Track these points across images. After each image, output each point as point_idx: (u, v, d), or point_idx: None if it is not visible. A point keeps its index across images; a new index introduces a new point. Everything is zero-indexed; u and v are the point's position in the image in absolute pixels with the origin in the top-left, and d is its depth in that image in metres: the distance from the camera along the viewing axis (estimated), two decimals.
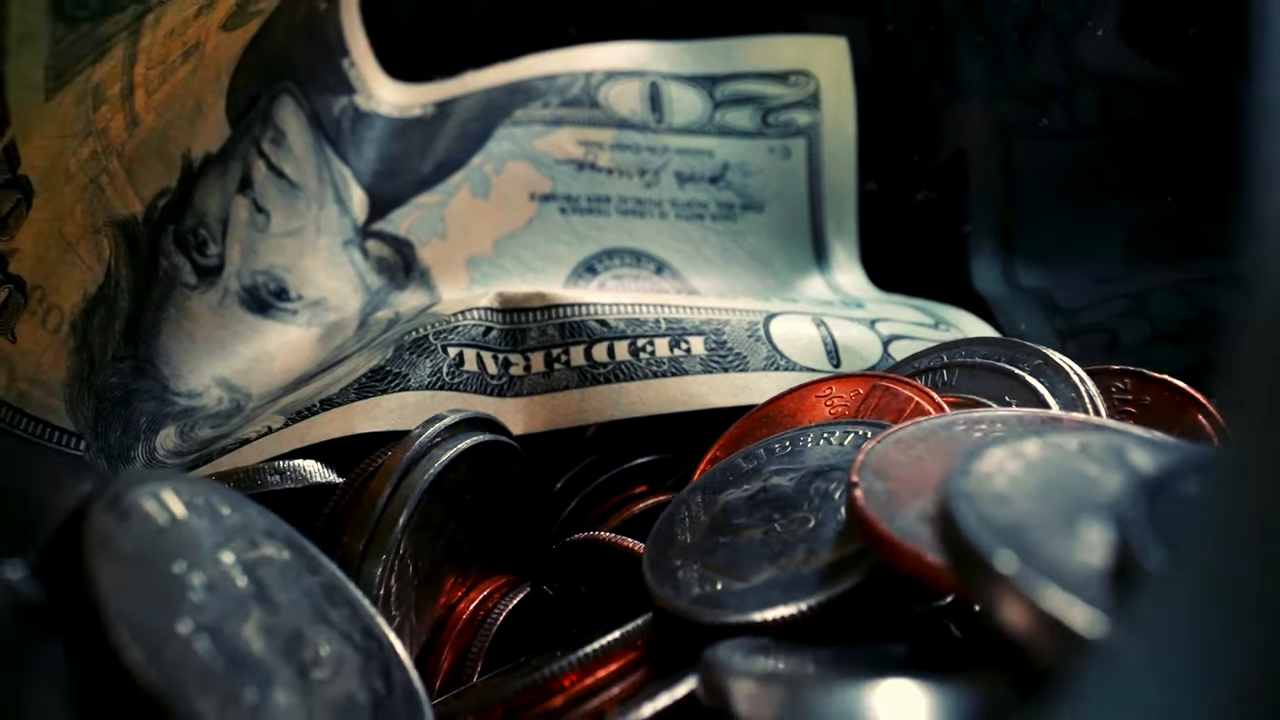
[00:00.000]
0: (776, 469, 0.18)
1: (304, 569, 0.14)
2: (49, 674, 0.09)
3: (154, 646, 0.10)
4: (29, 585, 0.10)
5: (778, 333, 0.24)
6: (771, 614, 0.14)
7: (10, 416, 0.19)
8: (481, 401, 0.22)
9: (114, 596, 0.10)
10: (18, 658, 0.09)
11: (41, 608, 0.10)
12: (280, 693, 0.11)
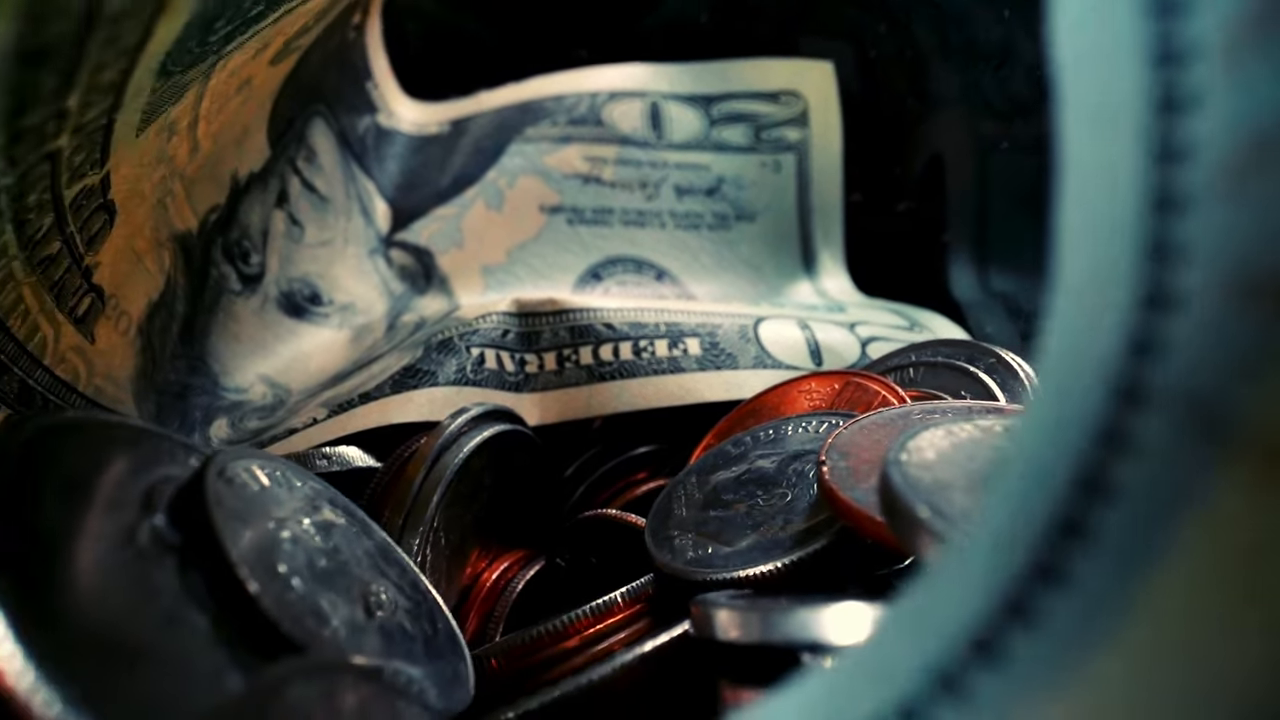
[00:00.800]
0: (761, 453, 0.21)
1: (361, 533, 0.17)
2: (192, 596, 0.12)
3: (265, 581, 0.13)
4: (169, 531, 0.13)
5: (766, 335, 0.27)
6: (752, 571, 0.17)
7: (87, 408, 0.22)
8: (501, 396, 0.25)
9: (232, 543, 0.13)
10: (168, 582, 0.12)
11: (178, 547, 0.13)
12: (354, 622, 0.14)
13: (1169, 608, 0.06)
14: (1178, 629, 0.06)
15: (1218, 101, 0.07)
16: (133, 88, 0.16)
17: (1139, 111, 0.08)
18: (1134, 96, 0.08)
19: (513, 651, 0.17)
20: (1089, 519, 0.07)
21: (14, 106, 0.12)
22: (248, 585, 0.13)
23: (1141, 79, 0.08)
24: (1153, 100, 0.07)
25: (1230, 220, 0.07)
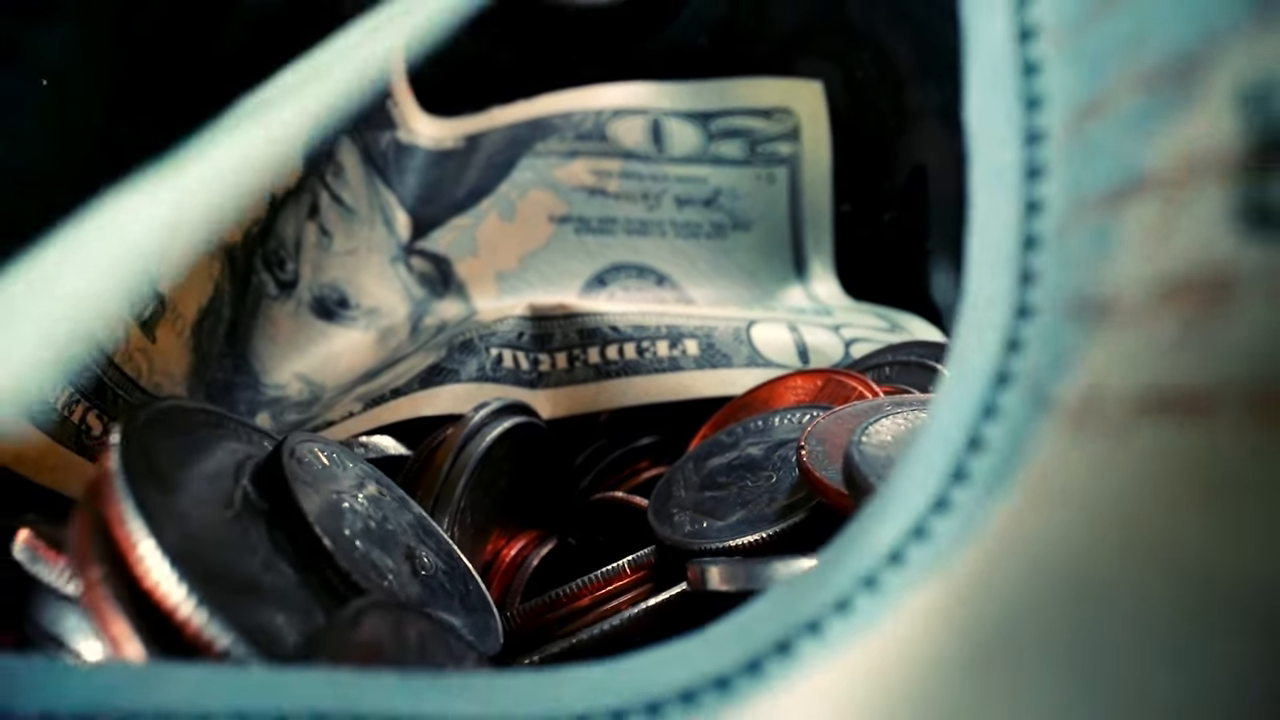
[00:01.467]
0: (751, 441, 0.24)
1: (402, 506, 0.20)
2: (280, 550, 0.15)
3: (335, 539, 0.16)
4: (257, 498, 0.16)
5: (758, 336, 0.30)
6: (740, 541, 0.20)
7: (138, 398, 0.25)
8: (517, 392, 0.28)
9: (309, 509, 0.16)
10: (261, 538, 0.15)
11: (265, 511, 0.16)
12: (404, 578, 0.17)
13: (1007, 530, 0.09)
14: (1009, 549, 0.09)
15: (1058, 174, 0.10)
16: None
17: (1016, 177, 0.11)
18: (1012, 167, 0.11)
19: (533, 610, 0.20)
20: (969, 466, 0.10)
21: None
22: (324, 541, 0.15)
23: (1017, 154, 0.11)
24: (1023, 170, 0.10)
25: (1064, 256, 0.10)
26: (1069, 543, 0.08)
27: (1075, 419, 0.09)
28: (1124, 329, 0.08)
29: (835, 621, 0.10)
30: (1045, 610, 0.08)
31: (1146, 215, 0.08)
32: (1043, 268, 0.10)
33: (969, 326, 0.11)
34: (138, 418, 0.15)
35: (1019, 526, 0.09)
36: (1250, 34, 0.07)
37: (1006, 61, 0.11)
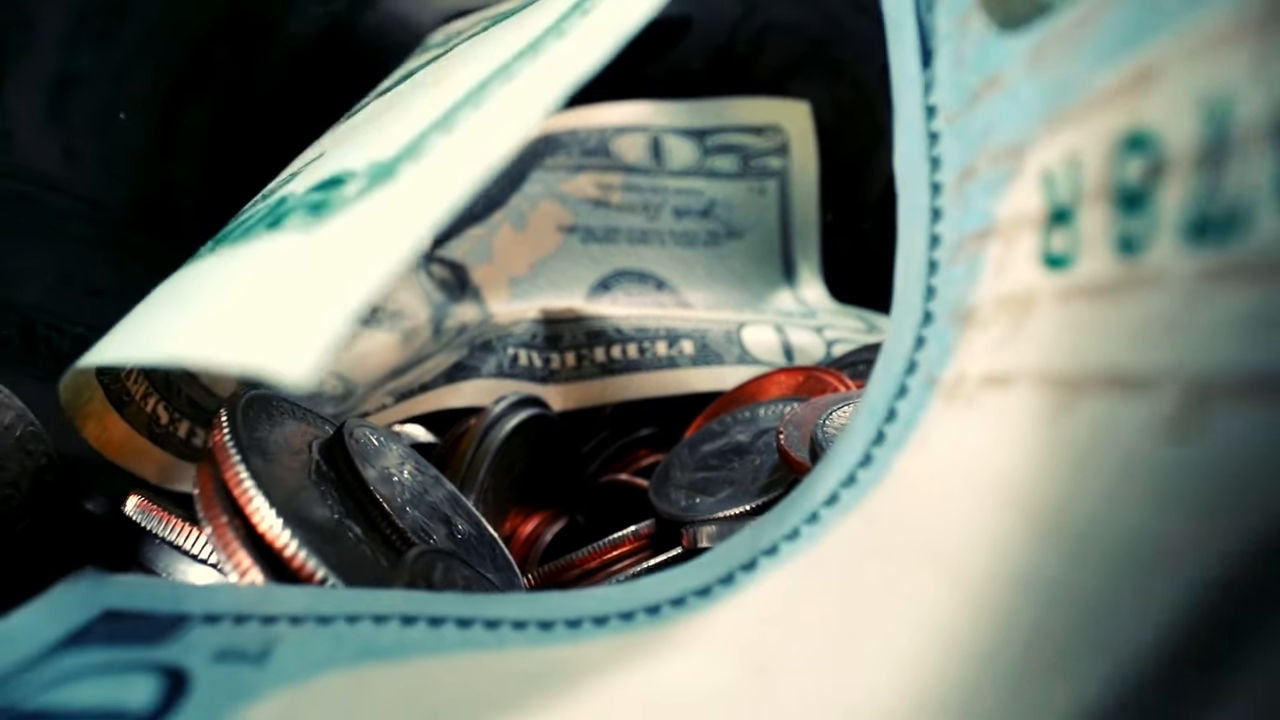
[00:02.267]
0: (739, 430, 0.28)
1: (437, 483, 0.24)
2: (349, 512, 0.19)
3: (392, 505, 0.20)
4: (327, 469, 0.20)
5: (747, 337, 0.34)
6: (727, 513, 0.24)
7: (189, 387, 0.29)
8: (531, 387, 0.31)
9: (369, 478, 0.20)
10: (334, 501, 0.19)
11: (333, 479, 0.20)
12: (445, 539, 0.21)
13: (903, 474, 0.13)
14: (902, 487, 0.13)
15: (949, 218, 0.14)
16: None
17: (925, 218, 0.14)
18: (922, 209, 0.14)
19: (550, 572, 0.24)
20: (886, 431, 0.14)
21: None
22: (384, 505, 0.19)
23: (926, 199, 0.14)
24: (929, 212, 0.14)
25: (950, 278, 0.13)
26: (939, 480, 0.12)
27: (948, 395, 0.13)
28: (979, 331, 0.12)
29: (785, 545, 0.14)
30: (924, 527, 0.12)
31: (995, 252, 0.12)
32: (938, 285, 0.14)
33: (894, 327, 0.15)
34: (238, 403, 0.19)
35: (910, 471, 0.13)
36: (1046, 137, 0.11)
37: (918, 129, 0.15)
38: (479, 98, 0.11)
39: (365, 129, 0.15)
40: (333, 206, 0.10)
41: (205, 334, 0.10)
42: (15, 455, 0.20)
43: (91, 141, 0.33)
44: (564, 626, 0.13)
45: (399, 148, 0.11)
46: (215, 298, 0.10)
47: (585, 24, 0.13)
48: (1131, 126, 0.09)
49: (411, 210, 0.09)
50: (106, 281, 0.31)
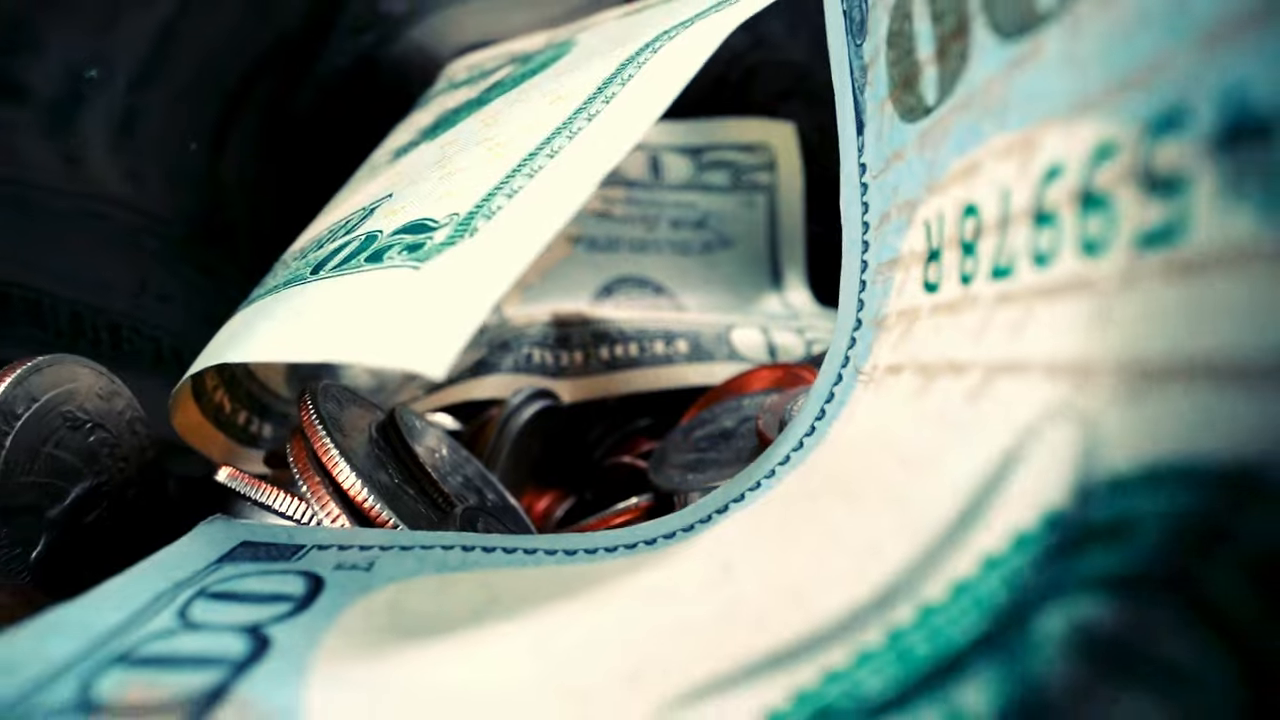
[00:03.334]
0: (726, 418, 0.33)
1: (468, 461, 0.29)
2: (403, 481, 0.24)
3: (439, 473, 0.25)
4: (380, 444, 0.25)
5: (735, 338, 0.39)
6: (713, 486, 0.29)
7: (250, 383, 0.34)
8: (544, 381, 0.36)
9: (419, 453, 0.25)
10: (392, 469, 0.24)
11: (387, 451, 0.24)
12: (480, 506, 0.26)
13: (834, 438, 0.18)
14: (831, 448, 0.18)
15: (872, 250, 0.19)
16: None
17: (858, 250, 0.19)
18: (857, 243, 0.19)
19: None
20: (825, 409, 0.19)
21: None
22: (432, 475, 0.24)
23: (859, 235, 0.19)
24: (860, 245, 0.19)
25: (872, 296, 0.18)
26: (856, 442, 0.17)
27: (865, 381, 0.18)
28: (886, 334, 0.17)
29: (749, 494, 0.19)
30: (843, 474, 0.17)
31: (898, 277, 0.17)
32: (865, 300, 0.19)
33: (836, 332, 0.20)
34: (316, 391, 0.24)
35: (839, 436, 0.18)
36: (926, 198, 0.16)
37: (854, 180, 0.20)
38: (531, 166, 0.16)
39: (428, 176, 0.20)
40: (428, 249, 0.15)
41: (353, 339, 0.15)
42: (127, 435, 0.25)
43: (154, 164, 0.38)
44: (584, 553, 0.18)
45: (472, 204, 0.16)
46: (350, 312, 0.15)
47: (626, 95, 0.18)
48: (968, 199, 0.14)
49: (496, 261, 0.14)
50: (174, 289, 0.36)
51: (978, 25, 0.13)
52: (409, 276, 0.15)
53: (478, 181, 0.17)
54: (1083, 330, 0.10)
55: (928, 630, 0.10)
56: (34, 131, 0.34)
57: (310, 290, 0.18)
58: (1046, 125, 0.12)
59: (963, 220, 0.14)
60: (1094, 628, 0.08)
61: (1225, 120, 0.08)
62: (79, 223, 0.34)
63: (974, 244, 0.14)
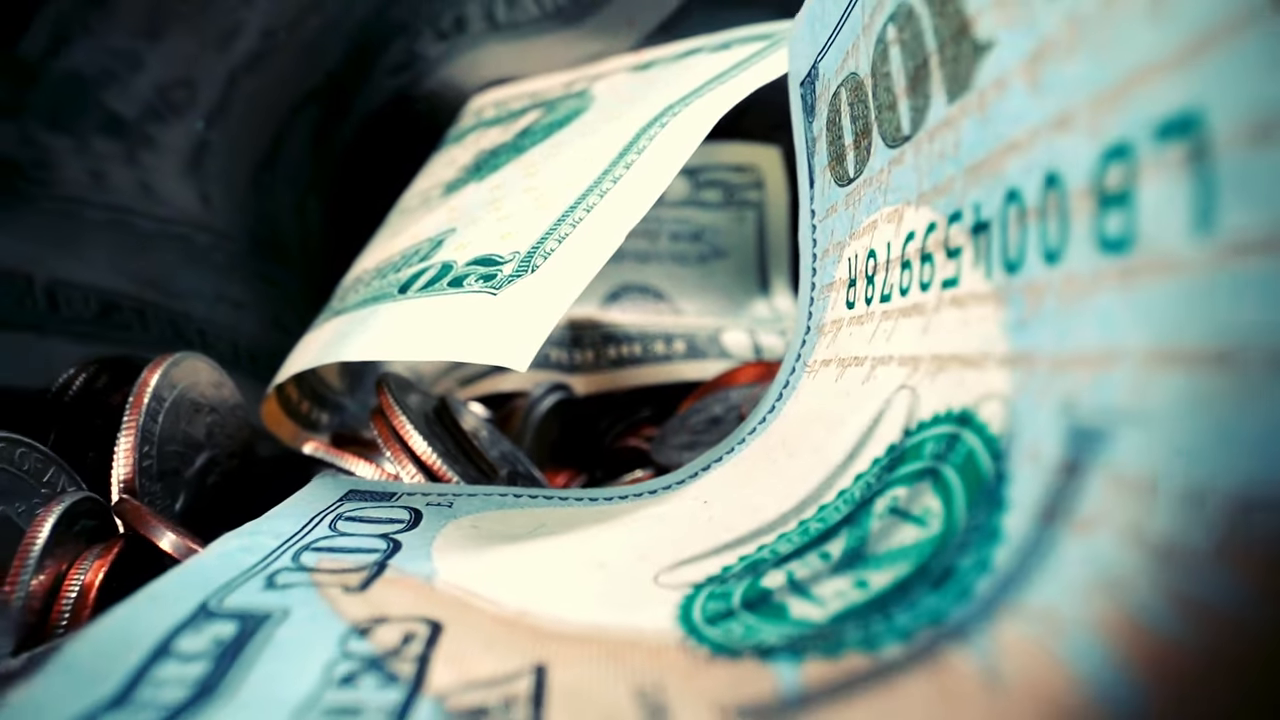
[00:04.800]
0: (717, 406, 0.40)
1: (502, 440, 0.36)
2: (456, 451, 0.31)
3: (484, 446, 0.32)
4: (434, 422, 0.32)
5: (726, 339, 0.46)
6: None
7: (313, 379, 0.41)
8: (561, 376, 0.44)
9: (468, 430, 0.32)
10: (449, 440, 0.31)
11: (440, 427, 0.32)
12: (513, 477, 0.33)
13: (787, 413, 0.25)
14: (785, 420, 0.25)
15: (819, 275, 0.26)
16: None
17: (809, 275, 0.27)
18: (809, 269, 0.27)
19: None
20: (781, 393, 0.26)
21: None
22: (479, 448, 0.32)
23: (810, 264, 0.27)
24: (810, 272, 0.27)
25: (820, 308, 0.26)
26: (799, 415, 0.24)
27: (809, 372, 0.25)
28: (824, 337, 0.24)
29: (726, 455, 0.26)
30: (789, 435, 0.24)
31: (832, 296, 0.24)
32: (813, 312, 0.26)
33: (794, 334, 0.27)
34: (389, 380, 0.31)
35: (788, 412, 0.25)
36: (850, 242, 0.23)
37: (807, 221, 0.27)
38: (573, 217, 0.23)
39: (484, 217, 0.28)
40: (499, 280, 0.22)
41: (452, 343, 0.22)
42: (230, 417, 0.33)
43: (218, 189, 0.45)
44: (604, 500, 0.25)
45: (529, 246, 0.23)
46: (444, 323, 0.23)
47: (642, 164, 0.25)
48: (870, 246, 0.21)
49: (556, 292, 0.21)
50: (244, 297, 0.43)
51: (875, 133, 0.21)
52: (489, 300, 0.22)
53: (530, 227, 0.24)
54: (916, 337, 0.18)
55: (819, 518, 0.17)
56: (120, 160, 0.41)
57: (404, 305, 0.25)
58: (906, 206, 0.19)
59: (868, 259, 0.22)
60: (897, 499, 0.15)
61: (975, 222, 0.16)
62: (163, 242, 0.42)
63: (873, 277, 0.21)
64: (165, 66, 0.40)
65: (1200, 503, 0.09)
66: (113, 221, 0.40)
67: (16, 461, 0.23)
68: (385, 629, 0.15)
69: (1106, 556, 0.10)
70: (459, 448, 0.32)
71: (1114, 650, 0.09)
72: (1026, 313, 0.14)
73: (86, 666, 0.13)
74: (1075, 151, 0.13)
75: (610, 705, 0.12)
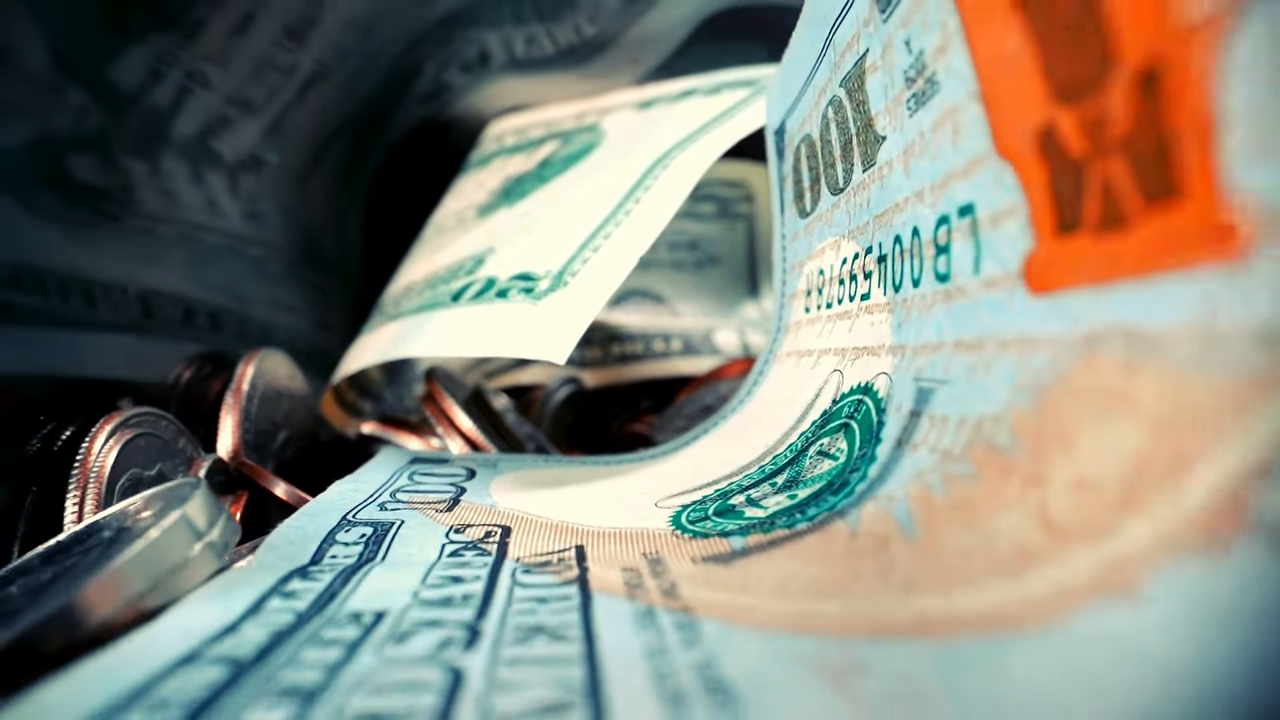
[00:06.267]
0: (708, 396, 0.48)
1: (525, 423, 0.44)
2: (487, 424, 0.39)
3: (515, 429, 0.40)
4: (471, 405, 0.40)
5: (717, 338, 0.54)
6: None
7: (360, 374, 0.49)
8: (573, 371, 0.52)
9: (497, 409, 0.40)
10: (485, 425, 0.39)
11: (476, 410, 0.40)
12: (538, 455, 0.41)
13: (759, 392, 0.33)
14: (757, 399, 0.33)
15: (786, 286, 0.34)
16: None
17: (781, 284, 0.35)
18: (780, 280, 0.35)
19: None
20: (757, 376, 0.34)
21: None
22: (508, 426, 0.40)
23: (781, 274, 0.35)
24: (782, 281, 0.35)
25: (784, 312, 0.34)
26: (767, 396, 0.33)
27: (778, 362, 0.33)
28: (787, 335, 0.33)
29: (711, 427, 0.34)
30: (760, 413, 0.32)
31: (795, 303, 0.33)
32: (783, 315, 0.34)
33: (770, 334, 0.35)
34: (437, 372, 0.39)
35: (760, 395, 0.33)
36: (807, 261, 0.31)
37: (780, 241, 0.35)
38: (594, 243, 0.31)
39: (518, 240, 0.36)
40: (537, 293, 0.30)
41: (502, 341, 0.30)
42: (300, 404, 0.41)
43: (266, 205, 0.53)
44: (614, 462, 0.33)
45: (559, 266, 0.31)
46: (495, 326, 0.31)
47: (649, 200, 0.33)
48: (819, 266, 0.30)
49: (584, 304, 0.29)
50: (295, 302, 0.51)
51: (823, 182, 0.29)
52: (531, 308, 0.30)
53: (559, 250, 0.32)
54: (844, 334, 0.26)
55: (772, 462, 0.26)
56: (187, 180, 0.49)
57: (458, 312, 0.33)
58: (841, 239, 0.27)
59: (818, 276, 0.30)
60: (823, 445, 0.23)
61: (879, 255, 0.24)
62: (226, 254, 0.50)
63: (821, 289, 0.29)
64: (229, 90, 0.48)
65: (962, 425, 0.17)
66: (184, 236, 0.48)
67: (162, 430, 0.31)
68: (472, 529, 0.23)
69: (922, 463, 0.18)
70: (493, 427, 0.40)
71: (914, 509, 0.17)
72: (903, 319, 0.22)
73: (286, 547, 0.21)
74: (925, 216, 0.21)
75: (626, 559, 0.20)
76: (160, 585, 0.18)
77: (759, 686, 0.12)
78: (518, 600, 0.17)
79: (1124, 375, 0.13)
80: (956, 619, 0.13)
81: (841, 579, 0.16)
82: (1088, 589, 0.12)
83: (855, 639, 0.13)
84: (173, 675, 0.14)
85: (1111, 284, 0.13)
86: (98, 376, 0.39)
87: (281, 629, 0.16)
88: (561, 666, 0.13)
